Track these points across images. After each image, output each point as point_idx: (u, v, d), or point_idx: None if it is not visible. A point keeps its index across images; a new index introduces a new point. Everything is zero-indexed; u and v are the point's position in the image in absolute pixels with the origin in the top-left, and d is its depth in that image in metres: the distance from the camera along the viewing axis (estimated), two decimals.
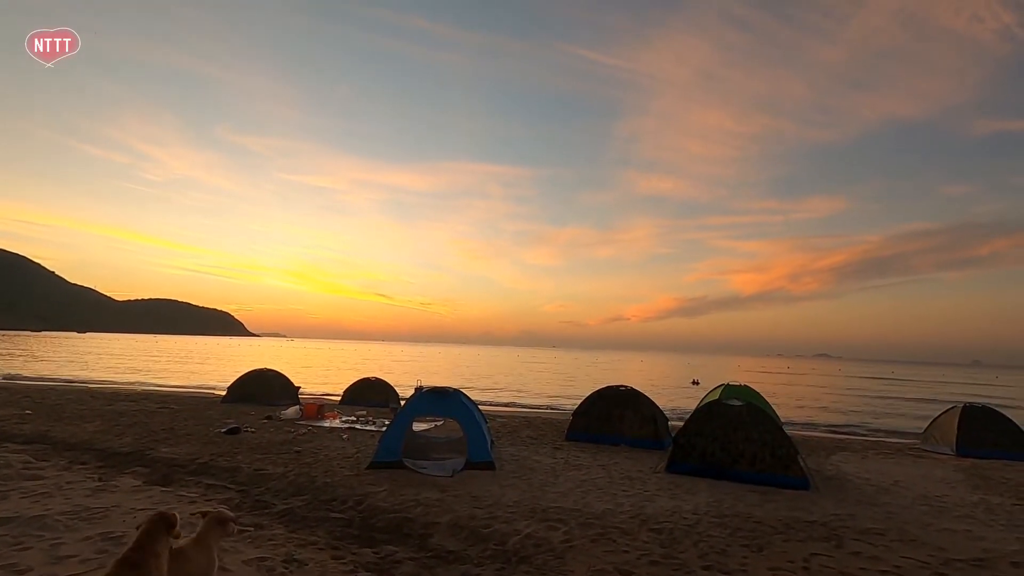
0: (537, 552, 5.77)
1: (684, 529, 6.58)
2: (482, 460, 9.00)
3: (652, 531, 6.49)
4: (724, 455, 8.85)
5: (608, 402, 12.36)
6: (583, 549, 5.87)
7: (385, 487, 7.89)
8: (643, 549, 5.92)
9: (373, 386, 19.91)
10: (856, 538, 6.48)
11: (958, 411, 13.26)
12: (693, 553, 5.85)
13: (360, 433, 12.34)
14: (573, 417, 12.71)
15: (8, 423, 12.02)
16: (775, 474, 8.55)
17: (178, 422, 13.07)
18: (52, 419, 12.76)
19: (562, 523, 6.65)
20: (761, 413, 9.11)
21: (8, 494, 6.37)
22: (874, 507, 7.87)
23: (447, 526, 6.45)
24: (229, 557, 4.95)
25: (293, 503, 7.12)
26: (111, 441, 10.56)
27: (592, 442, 11.93)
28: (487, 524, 6.53)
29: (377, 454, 9.00)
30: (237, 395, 17.66)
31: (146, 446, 10.20)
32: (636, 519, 6.91)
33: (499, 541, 6.04)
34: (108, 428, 11.90)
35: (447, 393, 9.70)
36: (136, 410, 14.94)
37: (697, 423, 9.29)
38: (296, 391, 18.48)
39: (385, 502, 7.24)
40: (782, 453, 8.63)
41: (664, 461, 9.42)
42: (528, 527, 6.47)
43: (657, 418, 11.96)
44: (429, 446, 10.00)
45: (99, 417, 13.34)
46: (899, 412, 29.76)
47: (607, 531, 6.44)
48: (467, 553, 5.72)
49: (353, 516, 6.72)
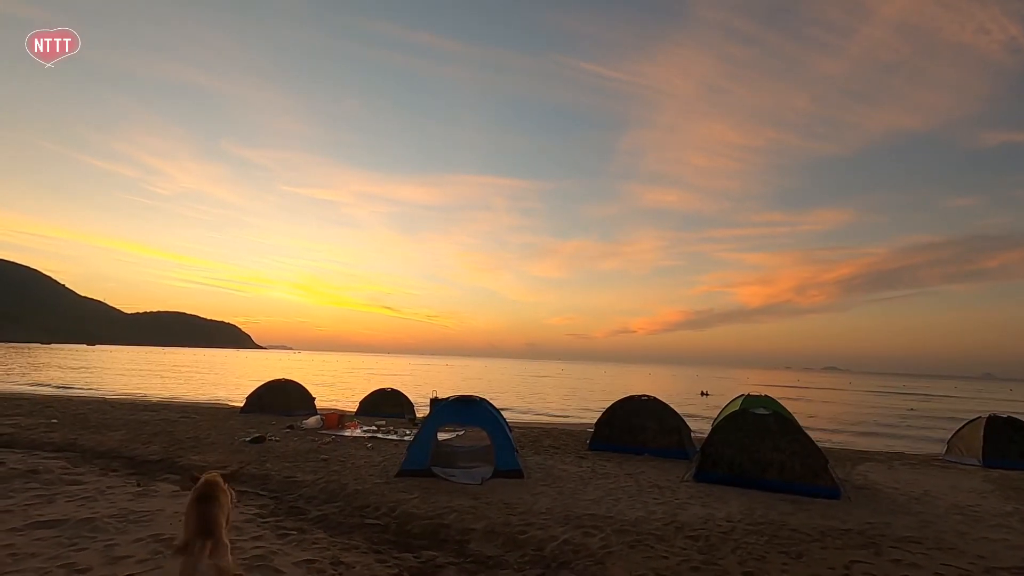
0: (576, 557, 5.80)
1: (720, 536, 6.58)
2: (510, 468, 9.03)
3: (688, 538, 6.50)
4: (752, 464, 8.83)
5: (630, 412, 12.36)
6: (621, 555, 5.89)
7: (416, 494, 7.93)
8: (682, 555, 5.94)
9: (389, 397, 19.95)
10: (894, 546, 6.45)
11: (982, 422, 13.15)
12: (732, 559, 5.86)
13: (383, 442, 12.40)
14: (596, 427, 12.72)
15: (37, 431, 12.17)
16: (805, 483, 8.52)
17: (201, 431, 13.18)
18: (78, 428, 12.91)
19: (597, 530, 6.67)
20: (788, 422, 9.11)
21: (54, 498, 6.48)
22: (908, 516, 7.83)
23: (483, 532, 6.48)
24: (278, 559, 5.03)
25: (327, 509, 7.18)
26: (139, 449, 10.67)
27: (616, 452, 11.92)
28: (523, 530, 6.56)
29: (405, 462, 9.06)
30: (255, 406, 17.76)
31: (174, 454, 10.31)
32: (670, 526, 6.92)
33: (536, 547, 6.07)
34: (134, 436, 12.02)
35: (473, 401, 9.76)
36: (158, 419, 15.07)
37: (724, 432, 9.28)
38: (313, 401, 18.57)
39: (418, 509, 7.28)
40: (812, 462, 8.60)
41: (691, 470, 9.41)
42: (564, 533, 6.50)
43: (681, 428, 11.94)
44: (455, 455, 10.04)
45: (124, 426, 13.48)
46: (916, 424, 29.45)
47: (643, 537, 6.46)
48: (506, 559, 5.76)
49: (388, 522, 6.77)
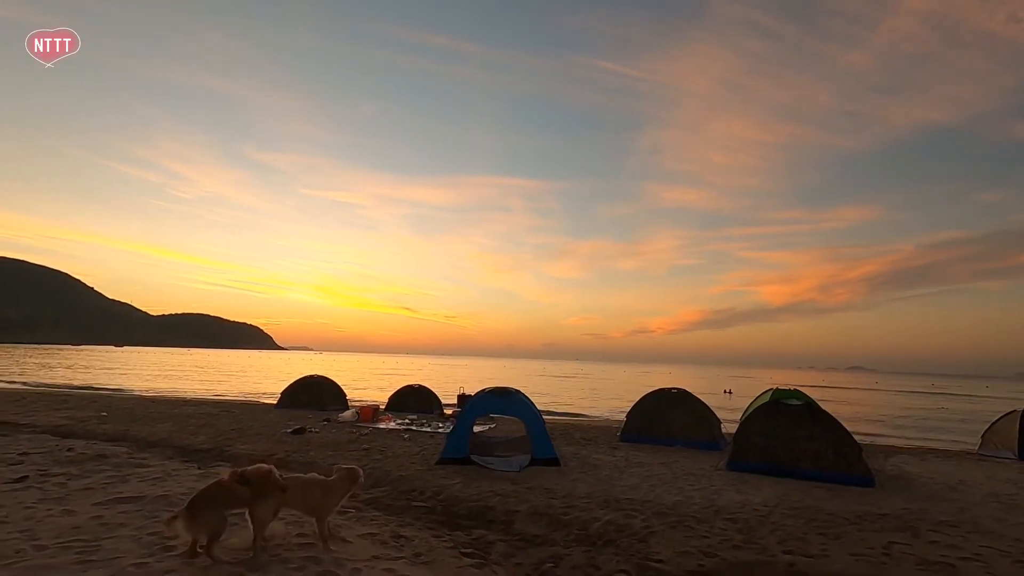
0: (620, 536, 6.05)
1: (758, 519, 6.77)
2: (547, 457, 9.30)
3: (727, 520, 6.70)
4: (786, 453, 8.97)
5: (661, 404, 12.54)
6: (664, 534, 6.13)
7: (458, 480, 8.24)
8: (722, 535, 6.15)
9: (417, 393, 20.33)
10: (932, 529, 6.58)
11: (1017, 416, 13.04)
12: (772, 540, 6.05)
13: (418, 434, 12.77)
14: (626, 419, 12.92)
15: (90, 423, 12.80)
16: (839, 472, 8.64)
17: (243, 424, 13.69)
18: (127, 420, 13.52)
19: (638, 512, 6.91)
20: (822, 412, 9.22)
21: (127, 478, 6.93)
22: (944, 503, 7.92)
23: (527, 514, 6.76)
24: (344, 531, 5.36)
25: (375, 493, 7.52)
26: (188, 439, 11.17)
27: (646, 443, 12.12)
28: (565, 512, 6.83)
29: (445, 450, 9.38)
30: (289, 401, 18.28)
31: (222, 444, 10.78)
32: (708, 509, 7.13)
33: (581, 527, 6.33)
34: (181, 428, 12.57)
35: (509, 392, 10.05)
36: (200, 413, 15.67)
37: (757, 422, 9.43)
38: (344, 397, 19.05)
39: (462, 493, 7.59)
40: (846, 451, 8.72)
41: (724, 459, 9.58)
42: (606, 515, 6.75)
43: (711, 420, 12.09)
44: (491, 445, 10.34)
45: (169, 419, 14.06)
46: (948, 420, 28.98)
47: (683, 519, 6.68)
48: (552, 537, 6.03)
49: (435, 505, 7.08)
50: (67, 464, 7.56)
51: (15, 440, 9.52)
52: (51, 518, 5.23)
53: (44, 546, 4.49)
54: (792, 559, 5.51)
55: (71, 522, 5.14)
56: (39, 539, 4.63)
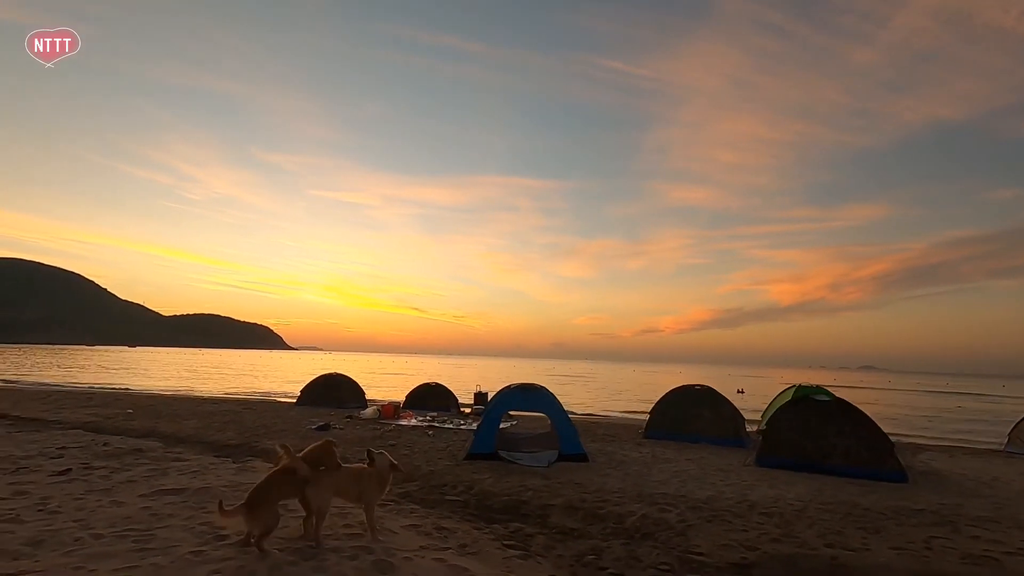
0: (658, 530, 6.06)
1: (794, 513, 6.75)
2: (575, 452, 9.32)
3: (762, 514, 6.69)
4: (816, 449, 8.93)
5: (685, 401, 12.52)
6: (701, 528, 6.13)
7: (489, 475, 8.28)
8: (760, 529, 6.14)
9: (434, 391, 20.41)
10: (971, 524, 6.54)
11: None
12: (811, 534, 6.04)
13: (441, 431, 12.84)
14: (650, 416, 12.91)
15: (117, 420, 12.98)
16: (871, 468, 8.59)
17: (267, 420, 13.83)
18: (154, 417, 13.70)
19: (672, 506, 6.92)
20: (851, 407, 9.17)
21: (167, 471, 7.04)
22: (980, 498, 7.86)
23: (561, 508, 6.78)
24: (388, 522, 5.42)
25: (408, 487, 7.58)
26: (215, 435, 11.31)
27: (671, 440, 12.10)
28: (599, 506, 6.85)
29: (473, 446, 9.42)
30: (309, 399, 18.44)
31: (250, 440, 10.90)
32: (742, 504, 7.12)
33: (616, 521, 6.34)
34: (207, 425, 12.72)
35: (535, 388, 10.09)
36: (223, 410, 15.84)
37: (786, 418, 9.40)
38: (364, 395, 19.17)
39: (494, 487, 7.63)
40: (877, 446, 8.66)
41: (752, 455, 9.55)
42: (641, 509, 6.76)
43: (736, 417, 12.06)
44: (517, 441, 10.38)
45: (193, 416, 14.23)
46: (967, 419, 28.63)
47: (719, 514, 6.68)
48: (589, 530, 6.05)
49: (468, 499, 7.13)
50: (106, 458, 7.69)
51: (50, 436, 9.68)
52: (102, 509, 5.33)
53: (100, 535, 4.58)
54: (834, 552, 5.50)
55: (122, 512, 5.23)
56: (94, 528, 4.72)
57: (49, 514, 5.08)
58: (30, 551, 4.17)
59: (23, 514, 5.03)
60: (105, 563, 3.99)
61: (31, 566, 3.89)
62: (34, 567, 3.88)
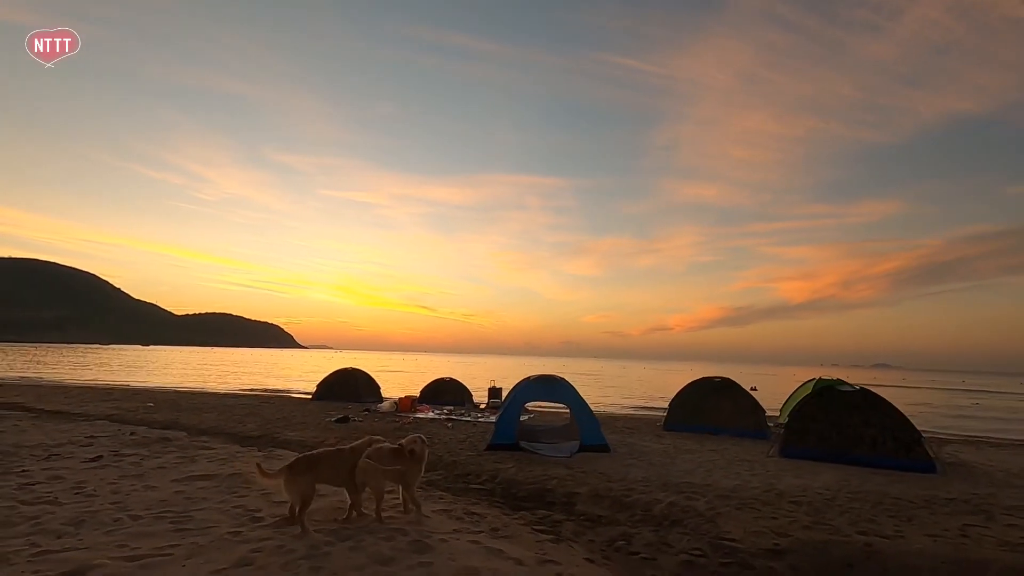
0: (686, 517, 6.02)
1: (823, 502, 6.68)
2: (597, 443, 9.29)
3: (791, 503, 6.62)
4: (841, 439, 8.83)
5: (705, 393, 12.44)
6: (731, 516, 6.08)
7: (511, 465, 8.28)
8: (790, 516, 6.09)
9: (448, 386, 20.45)
10: (1006, 513, 6.43)
11: None
12: (842, 521, 5.97)
13: (459, 423, 12.86)
14: (669, 408, 12.85)
15: (138, 412, 13.15)
16: (898, 458, 8.48)
17: (286, 413, 13.93)
18: (175, 410, 13.86)
19: (699, 495, 6.87)
20: (877, 397, 9.05)
21: (195, 458, 7.12)
22: (1012, 488, 7.74)
23: (587, 496, 6.76)
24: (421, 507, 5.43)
25: (431, 476, 7.59)
26: (237, 427, 11.41)
27: (692, 432, 12.04)
28: (626, 495, 6.81)
29: (494, 437, 9.42)
30: (326, 393, 18.53)
31: (271, 431, 10.98)
32: (770, 493, 7.06)
33: (644, 508, 6.31)
34: (228, 417, 12.83)
35: (555, 379, 10.06)
36: (241, 404, 16.00)
37: (810, 408, 9.30)
38: (379, 390, 19.24)
39: (518, 476, 7.62)
40: (904, 436, 8.55)
41: (776, 447, 9.47)
42: (667, 497, 6.72)
43: (758, 409, 11.96)
44: (537, 432, 10.37)
45: (213, 409, 14.37)
46: (986, 416, 28.19)
47: (747, 502, 6.62)
48: (617, 518, 6.02)
49: (493, 487, 7.13)
50: (135, 446, 7.79)
51: (77, 426, 9.82)
52: (136, 492, 5.39)
53: (139, 516, 4.64)
54: (867, 539, 5.43)
55: (157, 496, 5.30)
56: (132, 510, 4.79)
57: (86, 497, 5.16)
58: (72, 530, 4.23)
59: (61, 497, 5.11)
60: (146, 541, 4.04)
61: (75, 543, 3.95)
62: (77, 544, 3.94)
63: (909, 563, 4.86)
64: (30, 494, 5.14)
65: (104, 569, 3.51)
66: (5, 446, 7.41)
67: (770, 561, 4.86)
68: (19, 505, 4.78)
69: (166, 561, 3.71)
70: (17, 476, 5.81)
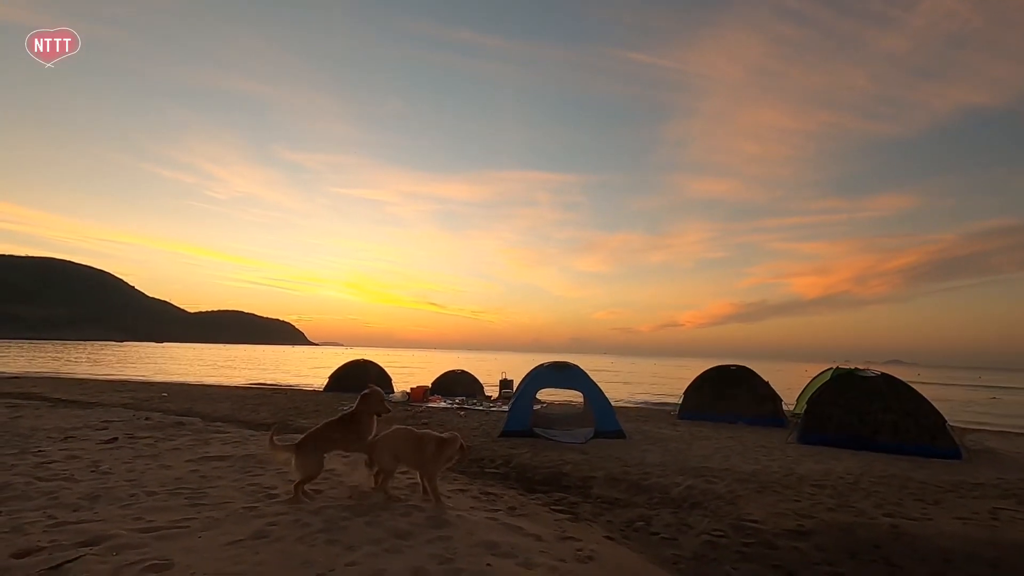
0: (706, 499, 5.91)
1: (847, 486, 6.54)
2: (612, 430, 9.18)
3: (814, 486, 6.49)
4: (862, 425, 8.65)
5: (720, 381, 12.27)
6: (752, 498, 5.96)
7: (526, 450, 8.19)
8: (813, 499, 5.96)
9: (459, 379, 20.39)
10: None
11: None
12: (867, 504, 5.84)
13: (472, 412, 12.80)
14: (684, 396, 12.69)
15: (153, 402, 13.21)
16: (922, 444, 8.29)
17: (298, 403, 13.96)
18: (188, 400, 13.91)
19: (718, 479, 6.75)
20: (900, 383, 8.85)
21: (210, 441, 7.11)
22: None
23: (603, 480, 6.67)
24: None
25: None
26: (250, 415, 11.42)
27: (707, 420, 11.88)
28: (643, 478, 6.71)
29: (508, 423, 9.34)
30: (337, 385, 18.54)
31: (284, 419, 10.98)
32: (791, 477, 6.92)
33: (662, 491, 6.21)
34: (241, 406, 12.87)
35: (569, 366, 9.95)
36: (254, 395, 16.07)
37: (830, 394, 9.12)
38: (391, 381, 19.23)
39: (532, 461, 7.54)
40: (928, 422, 8.35)
41: (794, 433, 9.30)
42: (686, 481, 6.61)
43: (775, 397, 11.77)
44: (550, 419, 10.28)
45: (227, 399, 14.43)
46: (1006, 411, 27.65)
47: (768, 485, 6.49)
48: (634, 500, 5.92)
49: (508, 471, 7.05)
50: (150, 429, 7.80)
51: (93, 412, 9.87)
52: (151, 471, 5.37)
53: (154, 491, 4.61)
54: (894, 521, 5.30)
55: (171, 474, 5.27)
56: (147, 487, 4.76)
57: (102, 474, 5.14)
58: (88, 504, 4.21)
59: (77, 474, 5.10)
60: (161, 515, 4.00)
61: (90, 516, 3.92)
62: (93, 517, 3.91)
63: (940, 544, 4.72)
64: (47, 471, 5.13)
65: (120, 539, 3.47)
66: (23, 429, 7.45)
67: (794, 542, 4.73)
68: (36, 481, 4.77)
69: (182, 533, 3.66)
70: (34, 456, 5.81)
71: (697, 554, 4.40)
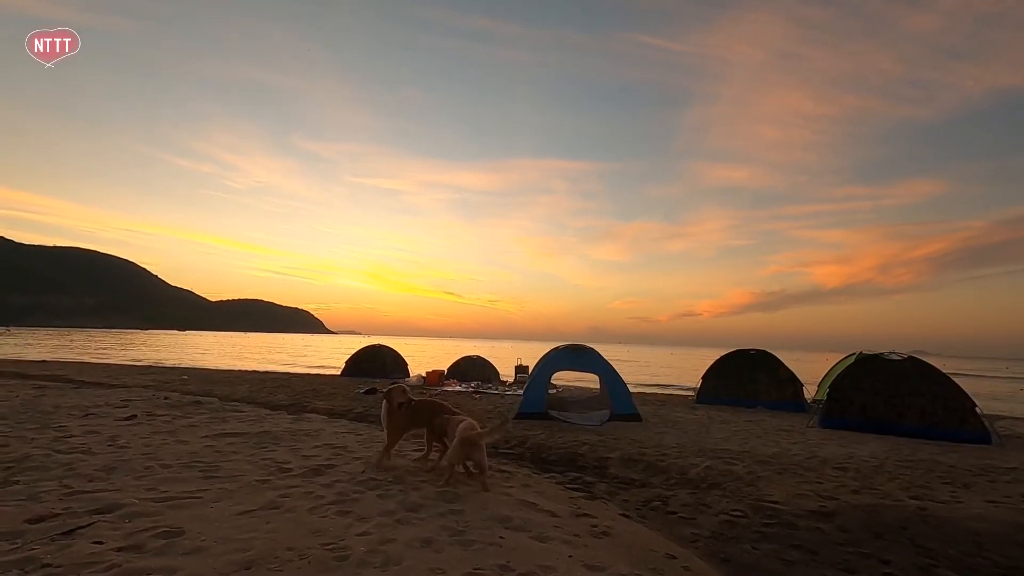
0: (725, 480, 5.77)
1: (871, 468, 6.35)
2: (628, 413, 9.07)
3: (836, 469, 6.32)
4: (888, 409, 8.41)
5: (740, 365, 12.05)
6: (772, 480, 5.81)
7: (541, 431, 8.12)
8: (836, 481, 5.79)
9: (475, 364, 20.41)
10: None
11: None
12: (893, 486, 5.65)
13: (487, 395, 12.79)
14: (702, 380, 12.50)
15: (174, 384, 13.42)
16: (950, 428, 8.03)
17: (316, 386, 14.07)
18: (208, 383, 14.12)
19: (738, 460, 6.61)
20: (927, 366, 8.57)
21: (226, 419, 7.17)
22: None
23: (619, 460, 6.57)
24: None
25: None
26: (268, 397, 11.52)
27: (726, 404, 11.69)
28: (660, 459, 6.59)
29: (523, 405, 9.27)
30: (354, 369, 18.68)
31: (301, 401, 11.06)
32: (813, 459, 6.75)
33: (679, 472, 6.08)
34: (259, 389, 13.01)
35: (585, 349, 9.83)
36: (273, 378, 16.26)
37: (854, 378, 8.88)
38: (406, 366, 19.33)
39: (548, 442, 7.46)
40: (956, 406, 8.08)
41: (816, 417, 9.09)
42: (704, 462, 6.48)
43: (795, 381, 11.53)
44: (566, 402, 10.19)
45: (245, 383, 14.61)
46: None
47: (789, 467, 6.33)
48: (651, 481, 5.81)
49: (523, 452, 6.98)
50: (168, 408, 7.90)
51: (114, 392, 10.04)
52: (167, 446, 5.41)
53: (169, 465, 4.63)
54: (921, 504, 5.12)
55: (187, 449, 5.30)
56: (162, 460, 4.79)
57: (119, 448, 5.19)
58: (104, 475, 4.23)
59: (94, 447, 5.16)
60: (175, 486, 4.01)
61: (106, 486, 3.94)
62: (108, 487, 3.92)
63: (969, 527, 4.54)
64: (65, 445, 5.20)
65: (133, 508, 3.48)
66: (45, 407, 7.59)
67: (817, 523, 4.59)
68: (54, 453, 4.83)
69: (195, 503, 3.66)
70: (54, 431, 5.90)
71: (716, 533, 4.29)
